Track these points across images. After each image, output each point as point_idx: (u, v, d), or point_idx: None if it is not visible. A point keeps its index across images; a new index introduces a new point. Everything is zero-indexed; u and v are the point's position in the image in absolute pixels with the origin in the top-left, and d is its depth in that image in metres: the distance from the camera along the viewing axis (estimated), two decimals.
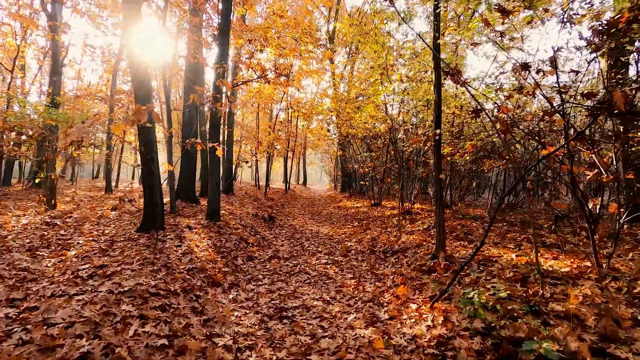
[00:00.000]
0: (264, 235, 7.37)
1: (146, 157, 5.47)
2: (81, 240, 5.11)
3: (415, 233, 6.60)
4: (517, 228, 6.38)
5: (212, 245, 5.46)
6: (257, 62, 11.12)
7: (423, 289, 3.86)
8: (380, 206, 11.74)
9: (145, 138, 5.33)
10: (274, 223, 9.27)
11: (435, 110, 4.61)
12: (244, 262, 5.23)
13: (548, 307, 2.78)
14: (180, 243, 5.19)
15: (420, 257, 4.95)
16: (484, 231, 6.39)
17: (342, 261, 5.66)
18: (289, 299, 3.91)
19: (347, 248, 6.49)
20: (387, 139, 9.36)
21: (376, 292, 4.06)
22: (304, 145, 28.87)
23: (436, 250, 4.67)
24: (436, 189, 4.69)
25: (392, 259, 5.30)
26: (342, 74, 20.00)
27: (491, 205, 9.39)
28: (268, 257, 5.79)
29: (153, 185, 5.62)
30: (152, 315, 2.93)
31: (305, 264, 5.54)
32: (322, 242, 7.42)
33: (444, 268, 4.22)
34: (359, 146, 15.52)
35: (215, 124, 6.93)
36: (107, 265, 3.84)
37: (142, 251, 4.52)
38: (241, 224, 7.68)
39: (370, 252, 6.06)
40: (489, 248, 5.04)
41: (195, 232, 6.08)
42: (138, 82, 5.21)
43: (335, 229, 8.96)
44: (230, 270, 4.65)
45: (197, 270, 4.24)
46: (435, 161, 4.57)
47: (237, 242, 6.13)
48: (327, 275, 4.89)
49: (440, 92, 4.63)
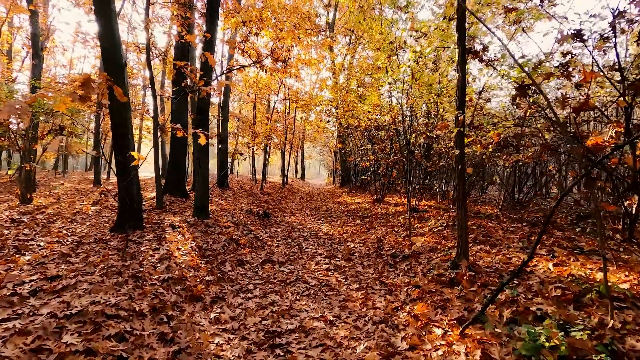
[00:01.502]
0: (257, 235, 6.67)
1: (119, 144, 4.73)
2: (44, 241, 4.38)
3: (427, 234, 5.92)
4: (540, 229, 5.69)
5: (196, 247, 4.75)
6: (252, 47, 10.32)
7: (447, 308, 3.18)
8: (383, 202, 11.05)
9: (117, 121, 4.58)
10: (269, 220, 8.57)
11: (458, 92, 3.89)
12: (232, 268, 4.53)
13: (626, 344, 2.10)
14: (158, 245, 4.48)
15: (437, 264, 4.26)
16: (502, 232, 5.73)
17: (345, 267, 4.97)
18: (284, 317, 3.22)
19: (350, 250, 5.81)
20: (393, 130, 8.63)
21: (389, 309, 3.37)
22: (302, 138, 28.11)
23: (457, 257, 3.98)
24: (458, 185, 3.99)
25: (403, 265, 4.61)
26: (343, 63, 19.15)
27: (502, 203, 8.74)
28: (261, 261, 5.10)
29: (131, 178, 4.89)
30: (103, 349, 2.23)
31: (303, 269, 4.85)
32: (321, 242, 6.73)
33: (469, 280, 3.54)
34: (359, 138, 14.78)
35: (203, 109, 6.17)
36: (62, 276, 3.12)
37: (110, 256, 3.81)
38: (233, 222, 6.97)
39: (376, 255, 5.38)
40: (516, 254, 4.36)
41: (179, 231, 5.37)
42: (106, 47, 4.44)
43: (336, 227, 8.27)
44: (215, 279, 3.95)
45: (174, 281, 3.54)
46: (459, 152, 3.86)
47: (226, 243, 5.43)
48: (328, 284, 4.21)
49: (464, 70, 3.90)
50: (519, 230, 5.77)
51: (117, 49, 4.62)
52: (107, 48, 4.57)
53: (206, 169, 6.52)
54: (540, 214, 7.62)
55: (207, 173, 6.53)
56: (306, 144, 31.78)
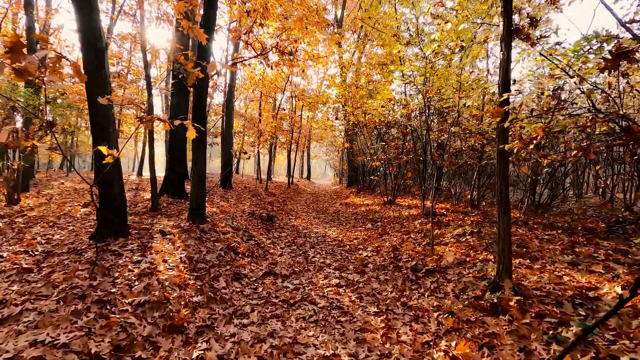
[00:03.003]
0: (259, 241, 6.00)
1: (96, 135, 4.10)
2: (9, 252, 3.77)
3: (450, 243, 5.19)
4: (583, 238, 4.93)
5: (186, 258, 4.10)
6: (257, 38, 9.69)
7: (495, 347, 2.47)
8: (394, 204, 10.32)
9: (93, 108, 3.96)
10: (273, 224, 7.90)
11: (502, 73, 3.17)
12: (227, 284, 3.86)
13: None
14: (141, 257, 3.83)
15: (471, 282, 3.54)
16: (538, 241, 4.97)
17: (358, 281, 4.27)
18: (286, 356, 2.54)
19: (363, 261, 5.11)
20: (407, 126, 7.91)
21: (418, 344, 2.67)
22: (308, 137, 27.48)
23: (498, 275, 3.26)
24: (499, 186, 3.26)
25: (428, 282, 3.89)
26: (351, 59, 18.44)
27: (527, 205, 7.96)
28: (262, 274, 4.42)
29: (109, 177, 4.26)
30: None
31: (309, 285, 4.16)
32: (330, 250, 6.04)
33: (519, 308, 2.82)
34: (369, 137, 14.04)
35: (199, 96, 5.52)
36: (6, 302, 2.48)
37: (78, 273, 3.17)
38: (232, 226, 6.31)
39: (394, 267, 4.67)
40: (565, 271, 3.62)
41: (170, 239, 4.73)
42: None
43: (345, 232, 7.57)
44: (204, 300, 3.28)
45: (152, 306, 2.87)
46: (501, 147, 3.14)
47: (222, 252, 4.76)
48: (340, 306, 3.51)
49: (510, 46, 3.18)
50: (556, 239, 5.02)
51: (95, 27, 3.99)
52: (85, 27, 3.94)
53: (203, 166, 5.87)
54: (568, 218, 6.85)
55: (203, 171, 5.88)
56: (312, 143, 31.14)
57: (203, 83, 5.49)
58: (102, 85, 4.02)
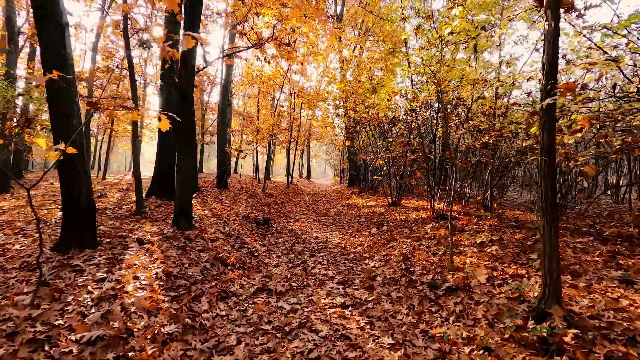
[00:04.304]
0: (253, 249, 5.36)
1: (56, 126, 3.47)
2: None
3: (470, 253, 4.55)
4: (621, 247, 4.29)
5: (164, 274, 3.46)
6: (252, 29, 9.05)
7: None
8: (400, 206, 9.69)
9: (52, 94, 3.32)
10: (269, 228, 7.26)
11: (548, 49, 2.53)
12: (210, 306, 3.22)
13: None
14: (107, 273, 3.19)
15: (506, 306, 2.90)
16: (572, 251, 4.34)
17: (367, 300, 3.63)
18: None
19: (371, 273, 4.47)
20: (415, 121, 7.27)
21: None
22: (308, 136, 26.86)
23: (543, 299, 2.62)
24: (544, 188, 2.62)
25: (450, 303, 3.26)
26: (352, 54, 17.80)
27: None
28: (253, 291, 3.78)
29: (73, 176, 3.62)
30: None
31: (309, 305, 3.52)
32: (332, 258, 5.40)
33: (580, 348, 2.19)
34: (371, 135, 13.38)
35: (185, 87, 4.88)
36: None
37: (20, 298, 2.53)
38: (223, 232, 5.68)
39: (407, 282, 4.03)
40: (619, 291, 2.99)
41: (147, 249, 4.09)
42: None
43: (348, 237, 6.93)
44: (178, 331, 2.64)
45: (107, 344, 2.23)
46: (546, 138, 2.50)
47: (208, 264, 4.13)
48: (347, 335, 2.87)
49: (558, 16, 2.54)
50: (591, 247, 4.39)
51: None
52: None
53: (189, 165, 5.22)
54: (589, 221, 6.23)
55: (190, 171, 5.23)
56: (312, 142, 30.52)
57: (182, 62, 4.85)
58: (62, 64, 3.38)
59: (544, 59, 2.56)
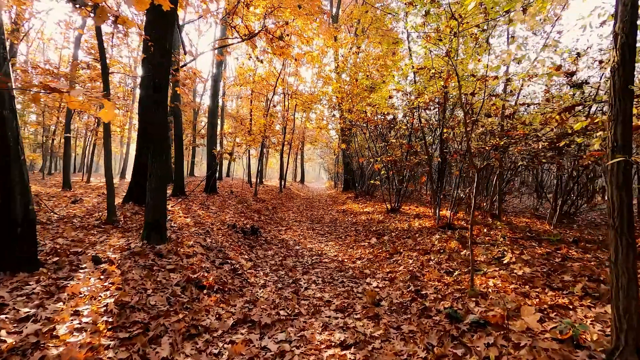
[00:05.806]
0: (236, 265, 4.62)
1: None
2: None
3: (490, 273, 3.88)
4: None
5: (116, 306, 2.71)
6: (242, 20, 8.38)
7: None
8: (400, 213, 9.03)
9: None
10: (257, 238, 6.53)
11: (624, 16, 1.89)
12: (173, 350, 2.48)
13: None
14: (37, 308, 2.45)
15: (560, 355, 2.23)
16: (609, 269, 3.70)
17: (372, 336, 2.92)
18: None
19: (374, 296, 3.77)
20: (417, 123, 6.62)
21: None
22: (302, 139, 26.18)
23: (617, 350, 1.95)
24: (618, 204, 1.96)
25: (480, 345, 2.56)
26: (349, 53, 17.23)
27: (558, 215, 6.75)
28: (232, 324, 3.05)
29: (7, 183, 2.87)
30: None
31: (301, 344, 2.80)
32: (328, 276, 4.69)
33: None
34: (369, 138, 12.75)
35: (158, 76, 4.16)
36: None
37: None
38: (204, 245, 4.93)
39: (419, 310, 3.34)
40: None
41: (104, 270, 3.34)
42: None
43: (346, 249, 6.23)
44: None
45: None
46: (620, 133, 1.85)
47: (179, 288, 3.39)
48: None
49: None
50: None
51: None
52: None
53: (163, 168, 4.48)
54: (605, 231, 5.67)
55: (163, 174, 4.49)
56: (306, 146, 29.83)
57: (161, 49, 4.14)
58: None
59: (616, 28, 1.91)
